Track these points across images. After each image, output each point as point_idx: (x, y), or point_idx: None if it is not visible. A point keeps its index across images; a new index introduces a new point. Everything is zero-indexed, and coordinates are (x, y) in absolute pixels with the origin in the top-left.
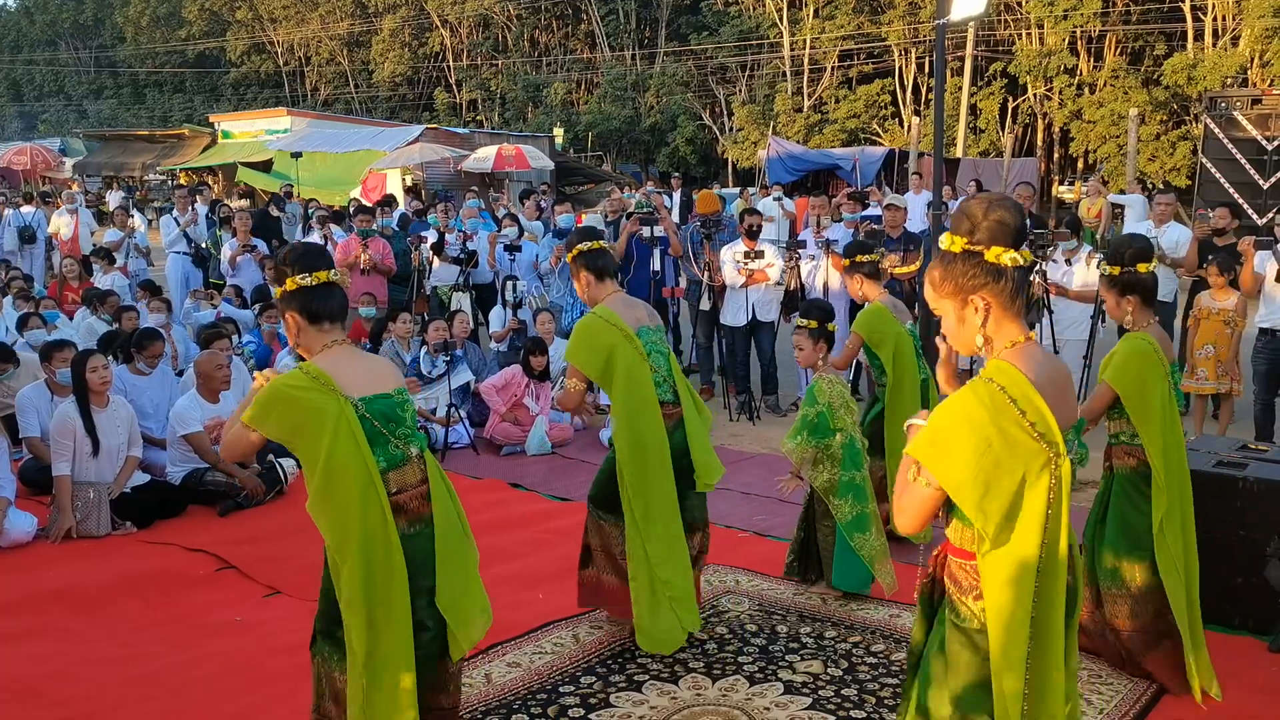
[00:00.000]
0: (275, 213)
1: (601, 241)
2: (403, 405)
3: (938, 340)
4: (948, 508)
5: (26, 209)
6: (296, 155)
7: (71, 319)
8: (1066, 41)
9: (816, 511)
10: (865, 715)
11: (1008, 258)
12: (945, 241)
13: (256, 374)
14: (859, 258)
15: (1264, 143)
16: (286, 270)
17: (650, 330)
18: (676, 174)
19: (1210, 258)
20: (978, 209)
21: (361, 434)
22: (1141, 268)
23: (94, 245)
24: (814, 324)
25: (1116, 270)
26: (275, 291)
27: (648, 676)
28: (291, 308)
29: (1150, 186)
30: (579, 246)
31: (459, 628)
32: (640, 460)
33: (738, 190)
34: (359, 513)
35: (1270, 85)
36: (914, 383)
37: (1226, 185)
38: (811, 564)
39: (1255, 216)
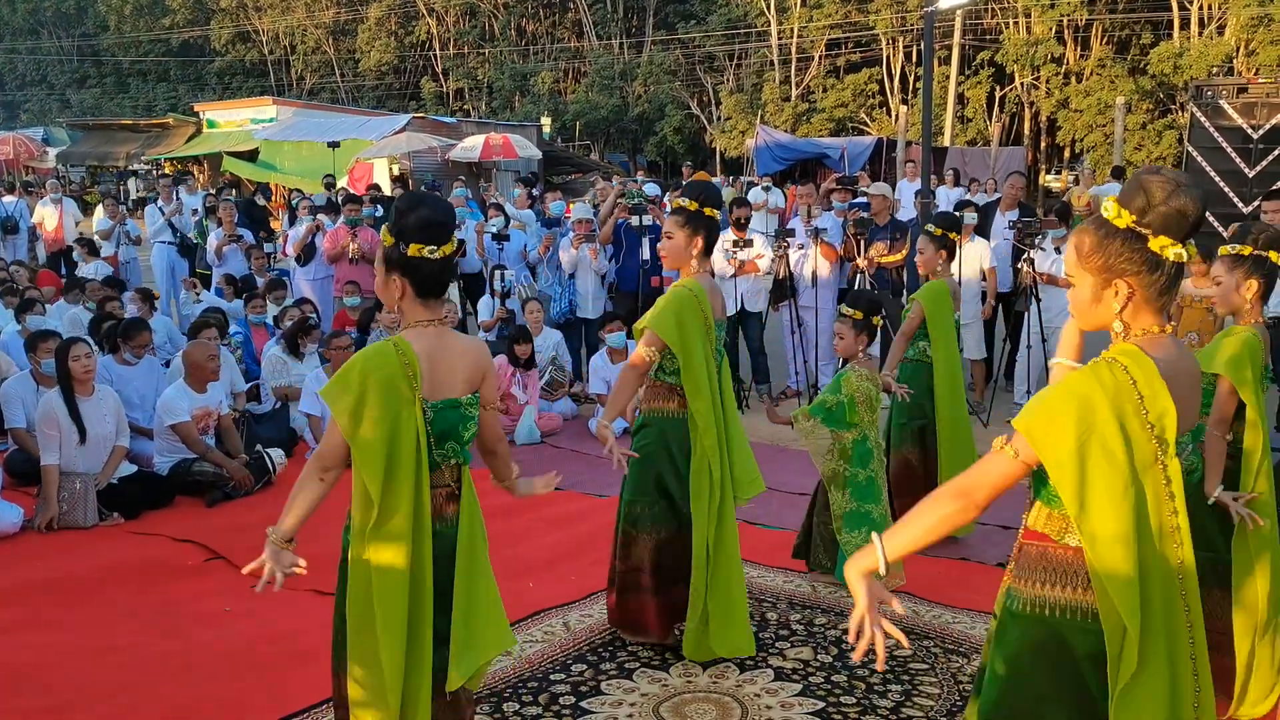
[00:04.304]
0: (261, 201)
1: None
2: (464, 422)
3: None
4: (1033, 490)
5: (9, 199)
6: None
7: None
8: (1053, 30)
9: (818, 502)
10: (855, 701)
11: (1172, 252)
12: (1111, 212)
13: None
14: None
15: (1249, 131)
16: (408, 232)
17: (720, 325)
18: (689, 163)
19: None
20: (1159, 189)
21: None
22: None
23: (79, 235)
24: (859, 315)
25: None
26: (385, 240)
27: (638, 664)
28: (402, 274)
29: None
30: (710, 208)
31: (459, 654)
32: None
33: (728, 180)
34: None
35: (1256, 74)
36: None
37: (1212, 174)
38: (812, 549)
39: (1241, 205)
